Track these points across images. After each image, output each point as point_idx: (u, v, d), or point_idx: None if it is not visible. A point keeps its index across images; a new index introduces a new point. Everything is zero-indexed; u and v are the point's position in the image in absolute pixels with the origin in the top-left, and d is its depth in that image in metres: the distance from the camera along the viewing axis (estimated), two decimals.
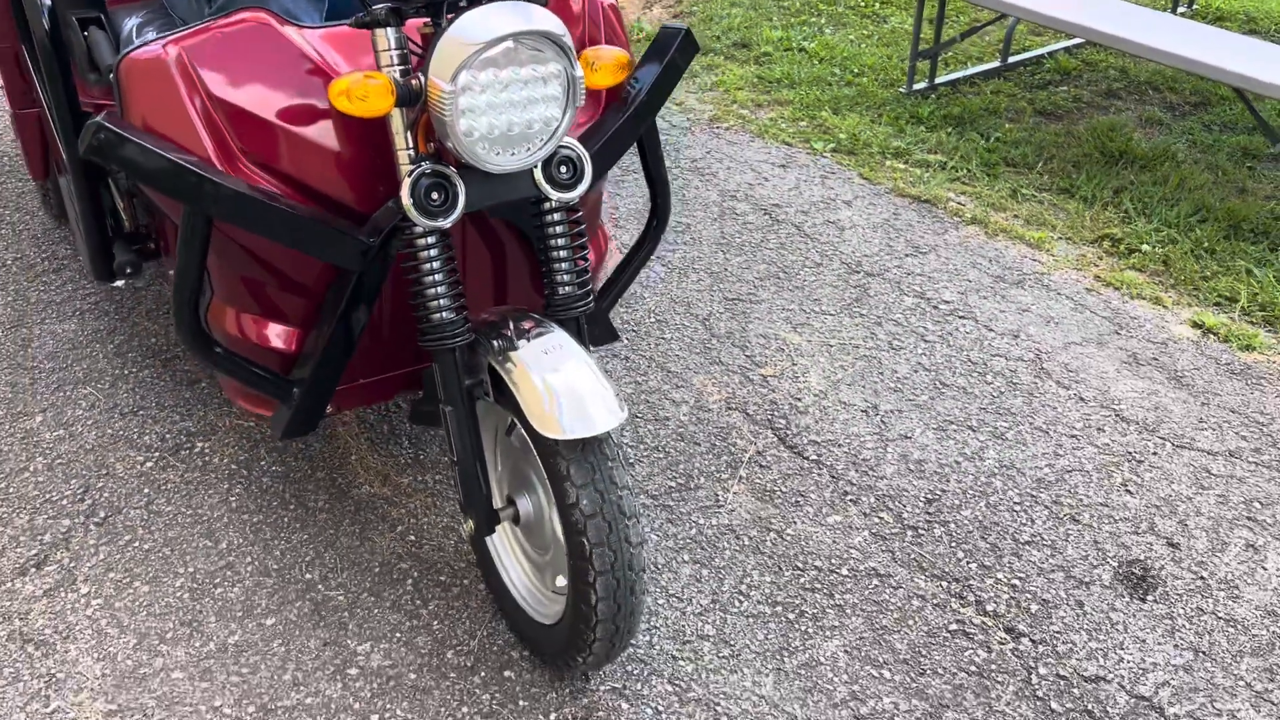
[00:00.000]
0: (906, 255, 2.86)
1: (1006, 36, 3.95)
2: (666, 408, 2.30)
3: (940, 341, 2.52)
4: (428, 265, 1.53)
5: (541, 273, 1.69)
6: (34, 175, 2.42)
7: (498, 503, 1.74)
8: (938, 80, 3.85)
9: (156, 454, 2.14)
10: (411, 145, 1.48)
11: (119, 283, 2.10)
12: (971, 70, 3.95)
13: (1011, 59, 4.01)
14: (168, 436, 2.19)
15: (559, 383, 1.46)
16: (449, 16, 1.44)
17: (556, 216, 1.62)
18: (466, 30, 1.39)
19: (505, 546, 1.77)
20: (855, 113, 3.67)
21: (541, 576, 1.72)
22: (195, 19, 1.84)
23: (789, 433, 2.23)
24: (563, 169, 1.57)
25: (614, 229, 2.91)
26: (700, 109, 3.73)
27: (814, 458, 2.17)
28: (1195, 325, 2.58)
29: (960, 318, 2.61)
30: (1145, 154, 3.32)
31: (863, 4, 4.66)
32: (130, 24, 2.04)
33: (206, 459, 2.13)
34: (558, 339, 1.53)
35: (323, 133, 1.55)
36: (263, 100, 1.53)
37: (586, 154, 1.60)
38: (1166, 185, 3.15)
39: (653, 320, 2.59)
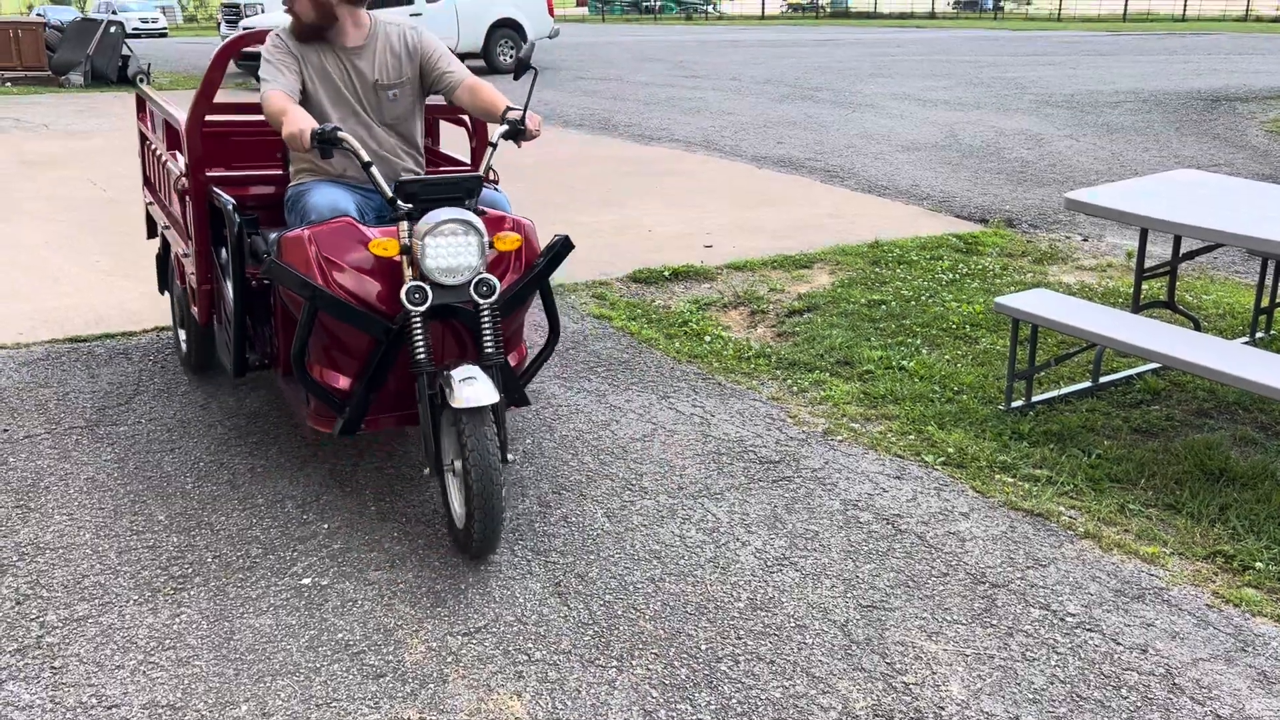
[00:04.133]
0: (1028, 568, 3.05)
1: (1096, 359, 4.29)
2: (815, 713, 2.44)
3: (1071, 654, 2.66)
4: (417, 331, 3.00)
5: (475, 342, 3.15)
6: (201, 322, 3.97)
7: (447, 461, 3.11)
8: (1034, 399, 4.16)
9: None
10: (410, 272, 3.01)
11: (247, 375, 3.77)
12: (1065, 390, 4.27)
13: (1102, 379, 4.33)
14: None
15: (468, 388, 2.90)
16: (433, 216, 2.98)
17: (486, 315, 3.07)
18: (432, 218, 2.98)
19: (451, 489, 3.12)
20: (959, 428, 3.97)
21: (460, 497, 3.05)
22: None
23: None
24: (484, 288, 3.05)
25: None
26: (813, 422, 4.07)
27: None
28: None
29: (1088, 630, 2.75)
30: (1244, 472, 3.53)
31: (954, 326, 5.09)
32: (274, 235, 3.33)
33: None
34: (474, 370, 2.97)
35: (370, 269, 3.06)
36: (344, 255, 3.05)
37: (498, 281, 3.08)
38: (1270, 504, 3.33)
39: (793, 625, 2.78)
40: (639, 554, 3.12)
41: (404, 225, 3.00)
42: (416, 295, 2.96)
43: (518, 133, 3.27)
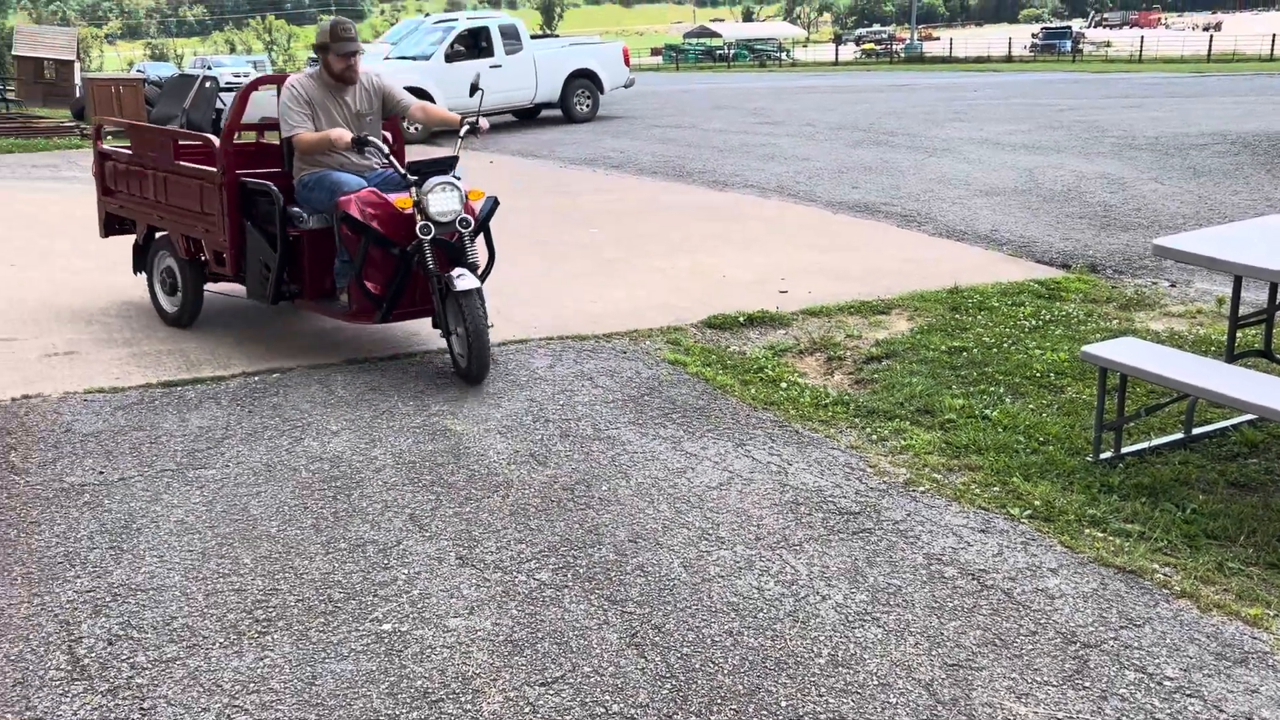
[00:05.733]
0: (1121, 627, 2.93)
1: (1188, 410, 4.15)
2: None
3: None
4: (428, 252, 4.91)
5: (459, 256, 5.01)
6: (233, 272, 5.59)
7: (451, 328, 5.01)
8: (1124, 450, 4.04)
9: None
10: (420, 217, 4.90)
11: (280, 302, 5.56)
12: (1156, 441, 4.13)
13: (1195, 431, 4.18)
14: None
15: (463, 280, 4.82)
16: (431, 181, 4.94)
17: (467, 240, 5.02)
18: (431, 182, 4.91)
19: (455, 345, 5.03)
20: (1046, 480, 3.86)
21: (462, 350, 4.96)
22: (325, 215, 5.24)
23: None
24: (464, 223, 5.00)
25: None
26: (894, 472, 4.00)
27: None
28: None
29: (1187, 695, 2.63)
30: None
31: (1038, 374, 4.98)
32: (295, 209, 5.31)
33: None
34: (464, 270, 4.89)
35: (392, 217, 4.98)
36: (376, 208, 4.98)
37: (474, 219, 5.08)
38: None
39: (876, 683, 2.71)
40: (716, 606, 3.08)
41: (414, 189, 4.90)
42: (425, 230, 4.85)
43: (474, 131, 5.25)
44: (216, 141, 5.54)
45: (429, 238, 4.83)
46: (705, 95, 26.36)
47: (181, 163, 5.78)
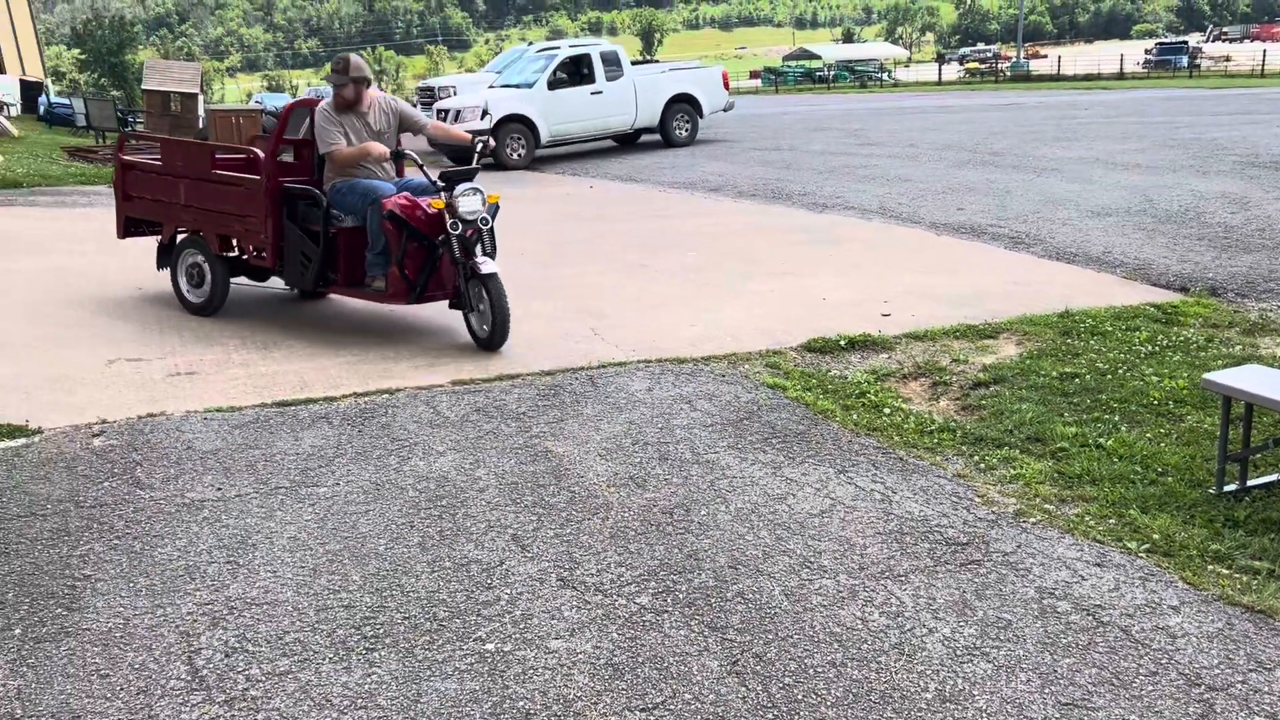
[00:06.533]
0: (1249, 670, 2.79)
1: None
2: None
3: None
4: (455, 244, 5.96)
5: (474, 248, 6.01)
6: (271, 265, 6.66)
7: (472, 306, 6.05)
8: (1249, 483, 3.85)
9: None
10: (450, 216, 5.92)
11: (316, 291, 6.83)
12: None
13: None
14: None
15: (486, 265, 5.91)
16: (460, 186, 5.97)
17: (485, 233, 6.05)
18: (461, 188, 5.95)
19: (476, 319, 6.08)
20: (1165, 513, 3.71)
21: (481, 323, 6.06)
22: (356, 215, 6.33)
23: None
24: (484, 221, 6.02)
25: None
26: (1003, 502, 3.89)
27: None
28: None
29: None
30: None
31: (1155, 402, 4.79)
32: (335, 211, 6.34)
33: None
34: (485, 257, 5.98)
35: (422, 216, 6.00)
36: (410, 209, 6.00)
37: (491, 216, 6.09)
38: None
39: (984, 718, 2.63)
40: (819, 636, 3.04)
41: (444, 194, 5.94)
42: (454, 227, 5.88)
43: (486, 147, 6.33)
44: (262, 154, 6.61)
45: (457, 233, 5.88)
46: (805, 117, 26.25)
47: (219, 171, 6.79)
